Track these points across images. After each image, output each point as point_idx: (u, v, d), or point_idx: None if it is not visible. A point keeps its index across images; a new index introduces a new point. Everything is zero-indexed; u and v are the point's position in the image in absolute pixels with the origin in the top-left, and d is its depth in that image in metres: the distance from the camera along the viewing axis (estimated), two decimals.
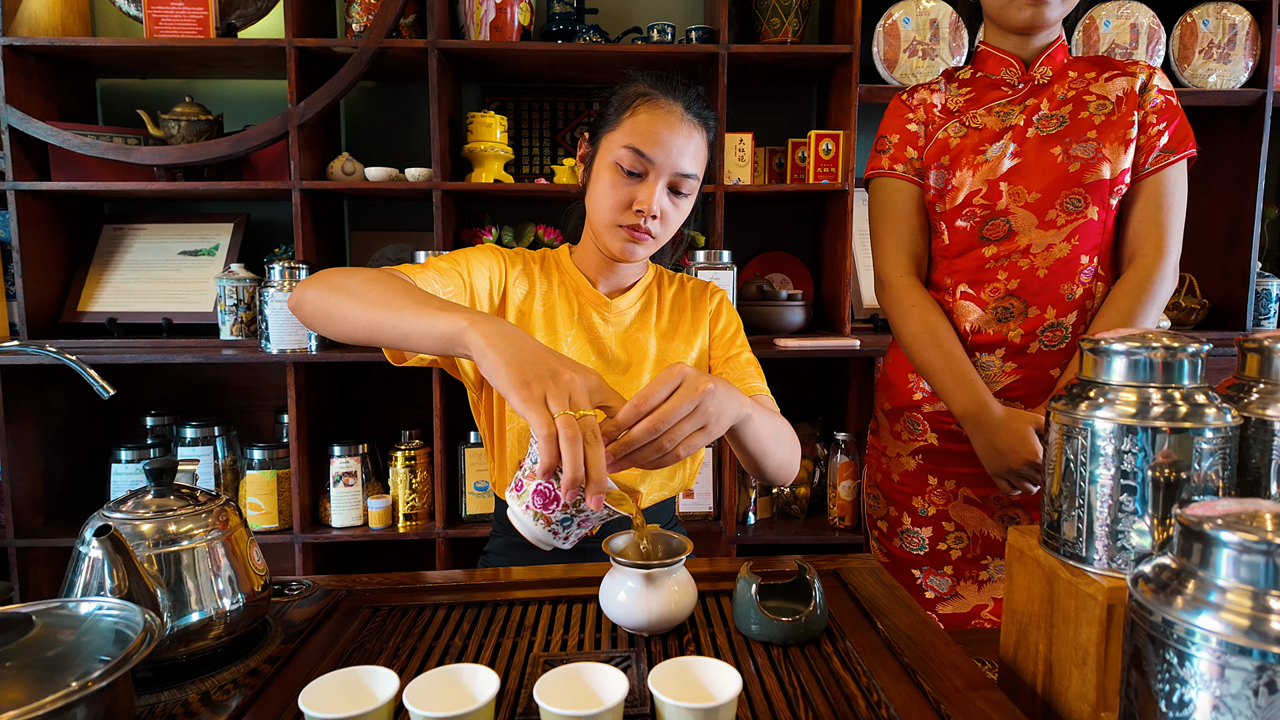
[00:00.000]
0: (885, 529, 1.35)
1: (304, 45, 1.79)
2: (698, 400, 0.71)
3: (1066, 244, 1.17)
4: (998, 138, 1.20)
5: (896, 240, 1.29)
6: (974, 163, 1.21)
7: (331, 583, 0.87)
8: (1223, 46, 1.96)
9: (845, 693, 0.63)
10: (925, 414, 1.29)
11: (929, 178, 1.26)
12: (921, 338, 1.22)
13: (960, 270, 1.24)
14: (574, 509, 0.68)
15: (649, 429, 0.69)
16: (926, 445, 1.29)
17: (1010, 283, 1.20)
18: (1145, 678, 0.50)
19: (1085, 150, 1.16)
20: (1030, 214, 1.18)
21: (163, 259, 2.01)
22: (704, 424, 0.72)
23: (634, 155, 0.98)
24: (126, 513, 0.67)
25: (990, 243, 1.21)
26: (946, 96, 1.27)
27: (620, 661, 0.68)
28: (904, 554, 1.32)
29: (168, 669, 0.66)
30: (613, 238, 1.02)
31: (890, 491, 1.34)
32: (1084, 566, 0.61)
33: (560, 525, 0.69)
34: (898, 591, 0.82)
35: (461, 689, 0.55)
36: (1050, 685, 0.64)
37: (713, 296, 1.16)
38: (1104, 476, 0.59)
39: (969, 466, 1.24)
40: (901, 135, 1.29)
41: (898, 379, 1.34)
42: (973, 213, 1.21)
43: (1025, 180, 1.18)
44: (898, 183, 1.28)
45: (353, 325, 0.80)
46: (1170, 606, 0.48)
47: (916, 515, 1.30)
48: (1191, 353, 0.58)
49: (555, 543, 0.71)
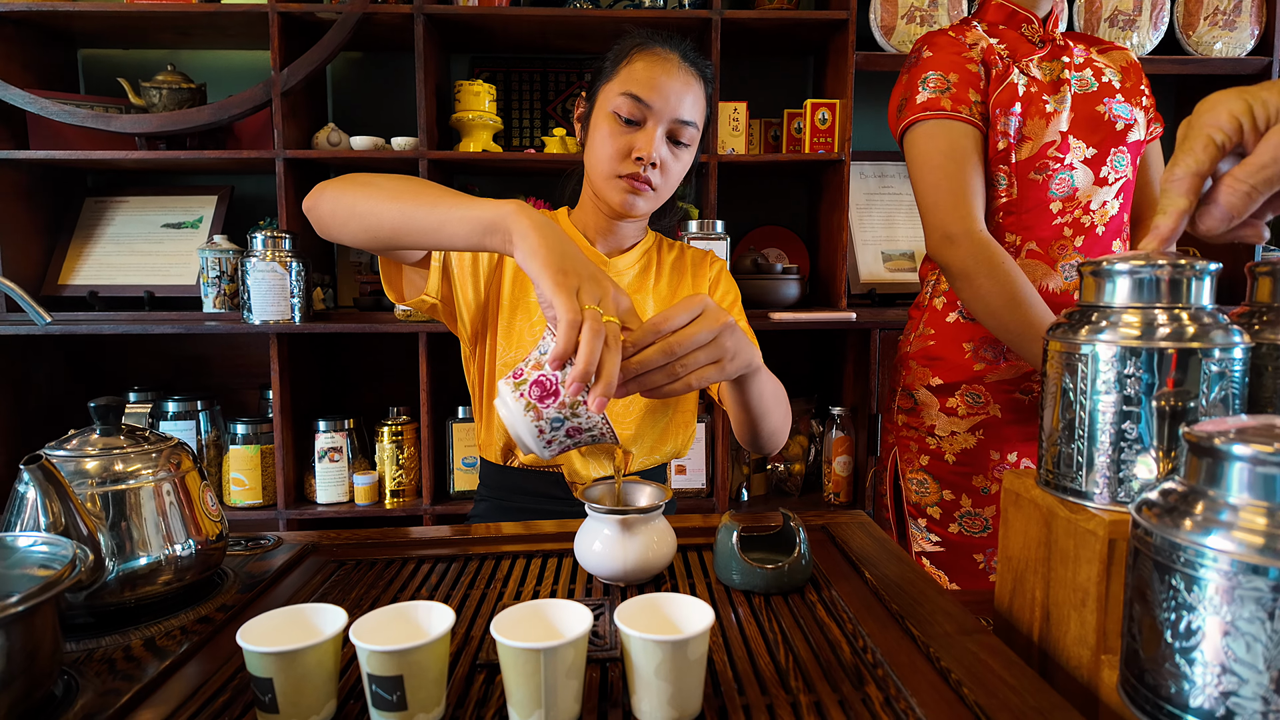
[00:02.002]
0: (939, 515, 1.24)
1: (287, 10, 1.75)
2: (716, 331, 0.68)
3: (1116, 201, 1.16)
4: (1056, 90, 1.15)
5: (969, 189, 1.13)
6: (1045, 113, 1.13)
7: (298, 537, 0.84)
8: (1228, 13, 1.91)
9: (829, 638, 0.59)
10: (988, 385, 1.20)
11: (996, 124, 1.15)
12: (1018, 295, 1.08)
13: (1030, 226, 1.16)
14: (570, 410, 0.63)
15: (664, 350, 0.66)
16: (989, 418, 1.20)
17: (1076, 239, 1.16)
18: (1149, 609, 0.46)
19: (1122, 110, 1.15)
20: (1089, 170, 1.15)
21: (145, 231, 1.97)
22: (718, 358, 0.70)
23: (632, 102, 0.97)
24: (70, 450, 0.64)
25: (1057, 198, 1.16)
26: (1000, 42, 1.18)
27: (594, 609, 0.65)
28: (964, 539, 1.22)
29: (114, 614, 0.63)
30: (612, 189, 1.00)
31: (944, 474, 1.23)
32: (1084, 503, 0.57)
33: (549, 424, 0.64)
34: (888, 544, 0.78)
35: (414, 626, 0.52)
36: (1047, 632, 0.60)
37: (713, 265, 1.15)
38: (1105, 404, 0.55)
39: (1032, 439, 1.17)
40: (962, 75, 1.15)
41: (950, 351, 1.23)
42: (1045, 165, 1.15)
43: (1083, 134, 1.15)
44: (964, 126, 1.14)
45: (379, 218, 0.78)
46: (1178, 529, 0.44)
47: (978, 495, 1.20)
48: (1199, 269, 0.54)
49: (536, 445, 0.65)
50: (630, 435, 1.04)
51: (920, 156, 1.16)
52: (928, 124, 1.16)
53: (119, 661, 0.56)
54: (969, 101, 1.14)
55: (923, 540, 1.27)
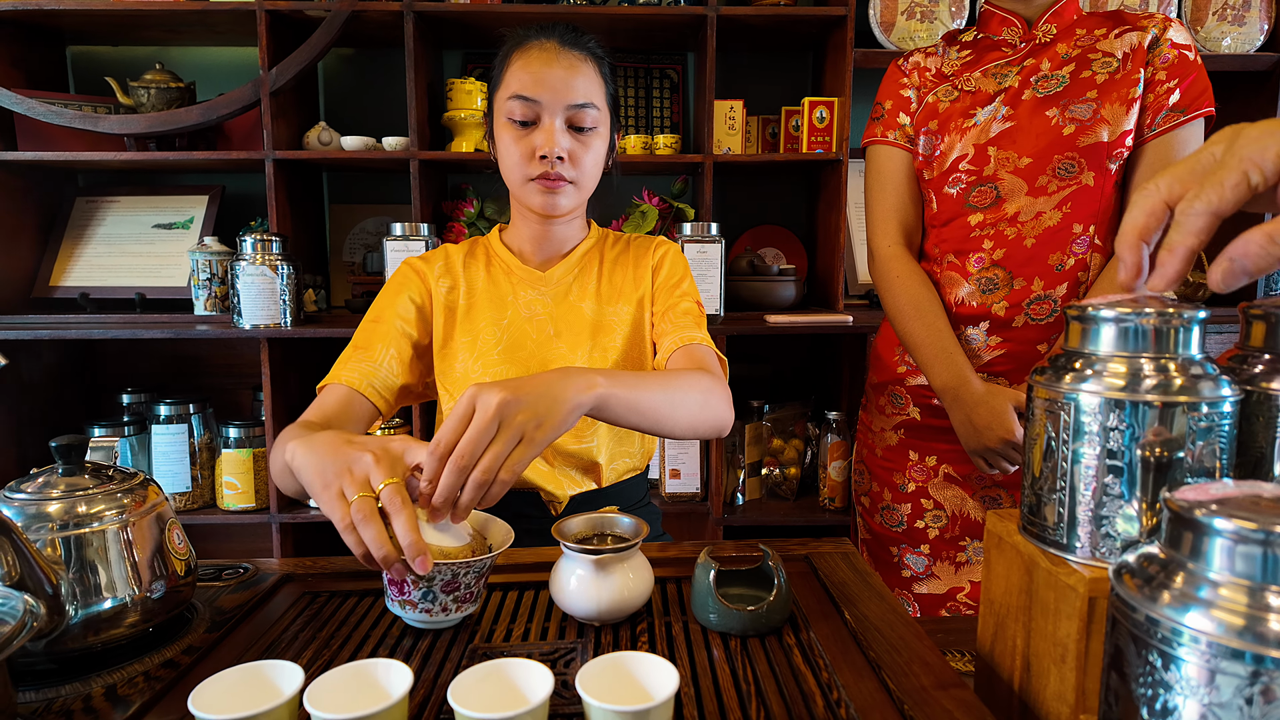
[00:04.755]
0: (868, 504, 1.32)
1: (275, 8, 1.72)
2: (496, 418, 0.63)
3: (1058, 212, 1.10)
4: (989, 101, 1.14)
5: (887, 210, 1.24)
6: (962, 127, 1.15)
7: (274, 566, 0.83)
8: (1237, 8, 1.87)
9: (804, 690, 0.58)
10: (908, 388, 1.25)
11: (918, 144, 1.21)
12: (906, 309, 1.18)
13: (947, 240, 1.19)
14: (424, 582, 0.64)
15: (456, 470, 0.62)
16: (908, 420, 1.25)
17: (995, 252, 1.14)
18: (1126, 681, 0.44)
19: (1083, 111, 1.08)
20: (1019, 180, 1.12)
21: (136, 232, 1.96)
22: (519, 437, 0.65)
23: (521, 103, 0.95)
24: (31, 493, 0.62)
25: (977, 210, 1.15)
26: (943, 61, 1.22)
27: (565, 654, 0.63)
28: (884, 530, 1.29)
29: (79, 659, 0.62)
30: (529, 194, 0.98)
31: (874, 466, 1.30)
32: (1065, 555, 0.56)
33: (426, 600, 0.65)
34: (871, 579, 0.77)
35: (374, 685, 0.50)
36: (1028, 683, 0.59)
37: (656, 250, 1.09)
38: (1088, 456, 0.54)
39: (950, 443, 1.20)
40: (895, 101, 1.24)
41: (885, 352, 1.30)
42: (959, 179, 1.16)
43: (1016, 145, 1.11)
44: (890, 150, 1.24)
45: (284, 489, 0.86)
46: (1155, 602, 0.42)
47: (897, 491, 1.26)
48: (1187, 318, 0.52)
49: (442, 621, 0.67)
50: (595, 448, 1.02)
51: (864, 181, 1.29)
52: (868, 150, 1.27)
53: (77, 714, 0.55)
54: (898, 125, 1.23)
55: (861, 528, 1.37)
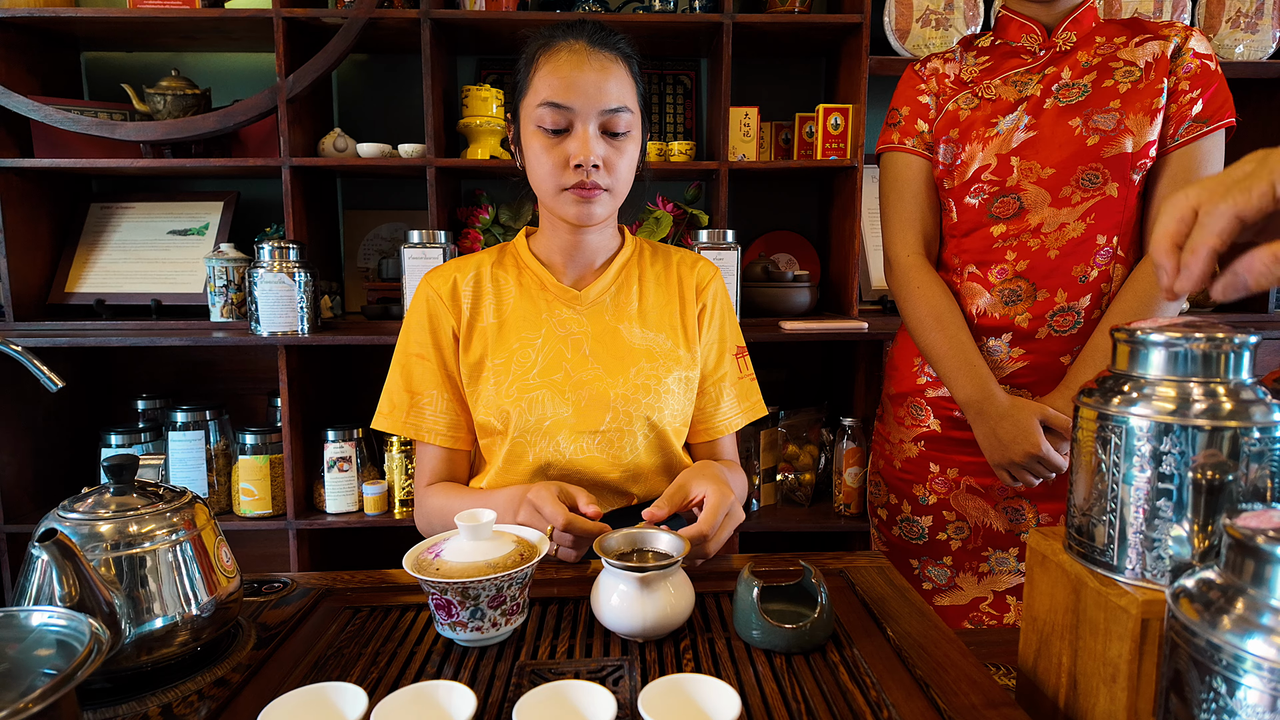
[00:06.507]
0: (885, 516, 1.31)
1: (292, 15, 1.73)
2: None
3: (1081, 223, 1.11)
4: (1011, 109, 1.14)
5: (905, 218, 1.23)
6: (984, 136, 1.14)
7: (312, 580, 0.83)
8: (1250, 16, 1.87)
9: (854, 709, 0.59)
10: (929, 399, 1.24)
11: (938, 152, 1.20)
12: (926, 320, 1.18)
13: (968, 250, 1.19)
14: (470, 600, 0.67)
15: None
16: (929, 432, 1.24)
17: (1019, 264, 1.14)
18: (1187, 705, 0.45)
19: (1106, 121, 1.09)
20: (1043, 190, 1.12)
21: (151, 238, 1.96)
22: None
23: (552, 110, 0.91)
24: (83, 512, 0.63)
25: (999, 221, 1.15)
26: (961, 66, 1.21)
27: (612, 672, 0.64)
28: (903, 543, 1.28)
29: (131, 678, 0.62)
30: (563, 205, 0.95)
31: (891, 478, 1.29)
32: (1115, 576, 0.56)
33: (475, 619, 0.68)
34: (909, 594, 0.77)
35: (436, 708, 0.51)
36: (1074, 701, 0.59)
37: (700, 276, 1.06)
38: (1139, 479, 0.54)
39: (972, 455, 1.19)
40: (912, 108, 1.23)
41: (903, 363, 1.29)
42: (981, 189, 1.15)
43: (1039, 155, 1.11)
44: (908, 158, 1.23)
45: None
46: (1217, 628, 0.43)
47: (917, 504, 1.25)
48: (1237, 344, 0.53)
49: (493, 636, 0.69)
50: (627, 478, 1.01)
51: (879, 188, 1.28)
52: (884, 157, 1.26)
53: None
54: (916, 133, 1.22)
55: (876, 540, 1.35)
